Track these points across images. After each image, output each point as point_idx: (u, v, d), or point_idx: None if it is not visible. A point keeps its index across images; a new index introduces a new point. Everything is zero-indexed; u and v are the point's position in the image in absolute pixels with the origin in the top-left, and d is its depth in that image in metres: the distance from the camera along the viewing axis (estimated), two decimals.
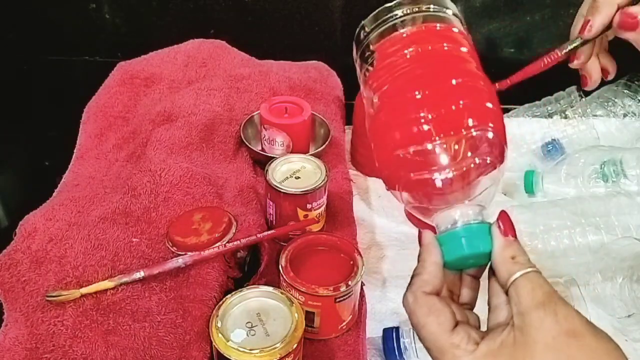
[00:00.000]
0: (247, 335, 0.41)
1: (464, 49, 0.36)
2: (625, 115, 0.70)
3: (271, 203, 0.54)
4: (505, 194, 0.66)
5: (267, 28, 0.81)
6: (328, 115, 0.70)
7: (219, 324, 0.41)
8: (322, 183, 0.53)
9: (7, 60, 0.80)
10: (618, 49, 0.46)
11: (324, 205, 0.55)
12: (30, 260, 0.46)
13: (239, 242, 0.48)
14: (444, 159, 0.33)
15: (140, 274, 0.45)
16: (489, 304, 0.33)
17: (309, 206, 0.53)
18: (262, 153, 0.63)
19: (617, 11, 0.40)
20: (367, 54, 0.38)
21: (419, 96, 0.34)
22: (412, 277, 0.34)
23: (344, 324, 0.48)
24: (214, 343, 0.40)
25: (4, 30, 0.80)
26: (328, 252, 0.49)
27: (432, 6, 0.37)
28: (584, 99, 0.71)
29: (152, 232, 0.50)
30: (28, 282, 0.45)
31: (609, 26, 0.41)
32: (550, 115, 0.71)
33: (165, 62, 0.73)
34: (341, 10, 0.79)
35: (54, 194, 0.58)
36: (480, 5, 0.77)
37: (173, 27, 0.80)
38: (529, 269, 0.31)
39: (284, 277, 0.46)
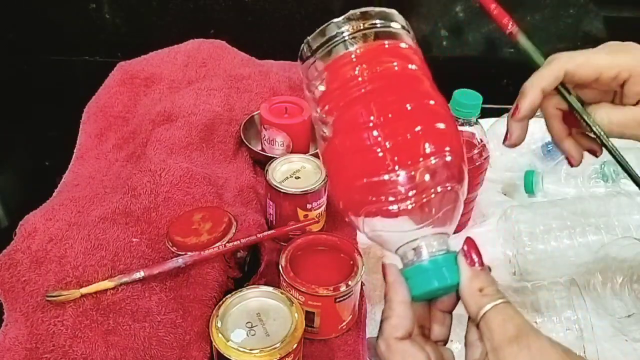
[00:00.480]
0: (247, 335, 0.40)
1: (413, 66, 0.36)
2: None
3: (271, 203, 0.54)
4: (505, 194, 0.66)
5: (267, 28, 0.81)
6: None
7: (219, 324, 0.41)
8: (322, 183, 0.53)
9: (7, 60, 0.80)
10: None
11: (324, 205, 0.55)
12: (30, 260, 0.46)
13: (239, 242, 0.48)
14: (402, 190, 0.32)
15: (140, 274, 0.45)
16: (465, 339, 0.32)
17: (309, 206, 0.53)
18: (262, 153, 0.63)
19: (542, 95, 0.40)
20: (315, 73, 0.36)
21: (373, 123, 0.33)
22: (381, 322, 0.33)
23: (344, 324, 0.48)
24: (214, 343, 0.40)
25: (4, 30, 0.80)
26: (328, 252, 0.49)
27: (378, 21, 0.36)
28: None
29: (152, 232, 0.50)
30: (28, 282, 0.45)
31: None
32: None
33: (165, 62, 0.73)
34: (341, 10, 0.79)
35: (54, 194, 0.58)
36: (480, 5, 0.77)
37: (173, 27, 0.80)
38: (498, 301, 0.30)
39: (284, 277, 0.46)
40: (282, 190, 0.52)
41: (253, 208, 0.56)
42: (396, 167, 0.32)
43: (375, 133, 0.33)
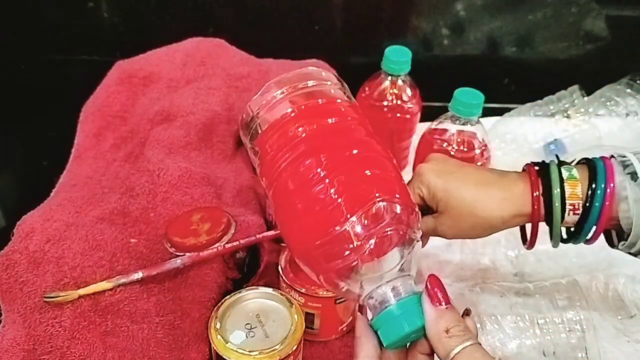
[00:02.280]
0: (246, 336, 0.40)
1: (350, 119, 0.37)
2: (627, 115, 0.70)
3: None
4: None
5: (267, 26, 0.80)
6: None
7: (218, 326, 0.40)
8: None
9: (4, 60, 0.79)
10: (619, 48, 0.46)
11: None
12: (28, 261, 0.46)
13: (238, 242, 0.48)
14: (356, 240, 0.32)
15: (138, 275, 0.45)
16: None
17: None
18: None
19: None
20: (257, 137, 0.38)
21: (316, 180, 0.33)
22: None
23: (344, 325, 0.48)
24: (212, 344, 0.40)
25: (1, 30, 0.80)
26: None
27: (309, 82, 0.38)
28: (586, 98, 0.71)
29: (150, 233, 0.50)
30: (26, 283, 0.45)
31: None
32: (552, 115, 0.70)
33: (164, 61, 0.73)
34: (341, 8, 0.79)
35: (52, 194, 0.57)
36: (481, 3, 0.77)
37: (172, 26, 0.80)
38: (467, 343, 0.30)
39: (284, 278, 0.46)
40: None
41: (252, 208, 0.55)
42: (348, 217, 0.32)
43: (319, 188, 0.33)
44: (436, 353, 0.31)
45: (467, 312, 0.33)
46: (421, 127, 0.62)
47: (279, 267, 0.46)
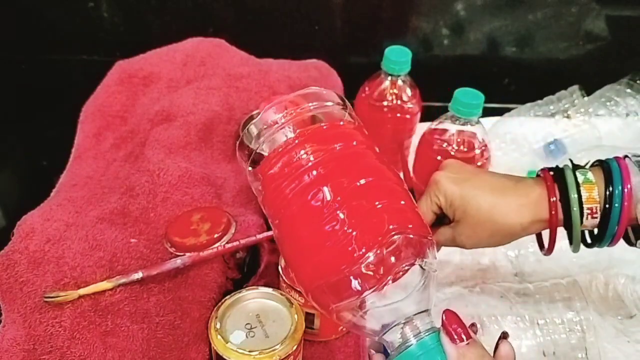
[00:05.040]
0: (246, 336, 0.40)
1: (356, 143, 0.35)
2: (627, 115, 0.70)
3: None
4: None
5: (267, 26, 0.80)
6: None
7: (218, 326, 0.40)
8: None
9: (4, 59, 0.79)
10: (619, 48, 0.46)
11: None
12: (28, 260, 0.46)
13: (238, 242, 0.48)
14: (370, 276, 0.31)
15: (138, 275, 0.45)
16: None
17: None
18: (262, 153, 0.62)
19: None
20: (259, 163, 0.37)
21: (326, 213, 0.32)
22: None
23: None
24: (212, 344, 0.40)
25: (1, 29, 0.80)
26: None
27: (312, 104, 0.36)
28: (586, 99, 0.71)
29: (150, 233, 0.50)
30: (26, 283, 0.45)
31: None
32: (552, 115, 0.70)
33: (164, 61, 0.73)
34: (341, 8, 0.79)
35: (52, 194, 0.57)
36: (481, 3, 0.77)
37: (172, 26, 0.80)
38: None
39: (284, 278, 0.46)
40: None
41: (252, 208, 0.55)
42: (361, 254, 0.31)
43: (329, 223, 0.32)
44: None
45: (504, 336, 0.32)
46: (421, 127, 0.62)
47: (279, 267, 0.46)
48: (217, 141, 0.63)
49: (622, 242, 0.42)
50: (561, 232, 0.43)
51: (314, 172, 0.34)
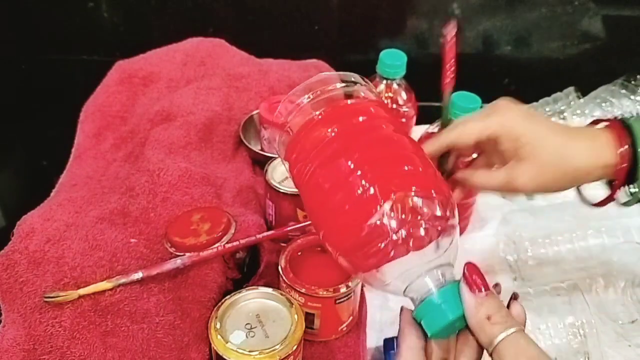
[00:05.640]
0: (246, 336, 0.40)
1: (380, 118, 0.37)
2: (622, 116, 0.70)
3: (270, 203, 0.54)
4: (504, 197, 0.66)
5: (266, 26, 0.80)
6: None
7: (218, 326, 0.40)
8: None
9: (4, 60, 0.79)
10: (615, 48, 0.46)
11: None
12: (28, 260, 0.46)
13: (238, 242, 0.48)
14: (395, 230, 0.32)
15: (138, 275, 0.45)
16: None
17: None
18: (262, 153, 0.63)
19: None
20: (289, 142, 0.38)
21: (356, 172, 0.34)
22: None
23: (344, 325, 0.48)
24: (212, 344, 0.40)
25: (1, 29, 0.80)
26: (328, 253, 0.49)
27: (337, 85, 0.38)
28: (581, 100, 0.71)
29: (150, 233, 0.50)
30: (26, 283, 0.45)
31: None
32: (548, 116, 0.70)
33: (164, 61, 0.73)
34: (341, 8, 0.79)
35: (52, 194, 0.57)
36: (478, 3, 0.77)
37: (172, 26, 0.80)
38: (510, 330, 0.29)
39: (284, 278, 0.46)
40: (282, 190, 0.52)
41: (252, 208, 0.55)
42: (382, 208, 0.32)
43: (353, 184, 0.33)
44: (479, 342, 0.31)
45: (514, 297, 0.33)
46: (417, 130, 0.62)
47: (279, 267, 0.46)
48: (217, 141, 0.63)
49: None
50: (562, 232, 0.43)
51: (338, 142, 0.35)
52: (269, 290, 0.43)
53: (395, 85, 0.62)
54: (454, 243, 0.34)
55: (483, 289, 0.31)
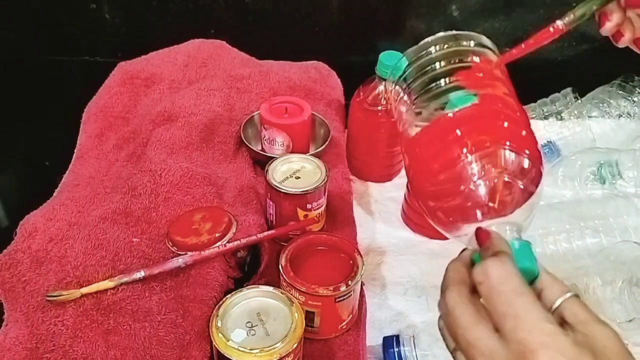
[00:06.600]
0: (247, 335, 0.41)
1: (492, 77, 0.39)
2: (620, 116, 0.71)
3: (271, 203, 0.54)
4: None
5: (267, 28, 0.81)
6: (328, 115, 0.70)
7: (219, 324, 0.41)
8: (322, 183, 0.53)
9: (7, 61, 0.80)
10: (611, 50, 0.46)
11: (324, 205, 0.56)
12: (30, 260, 0.46)
13: (239, 242, 0.48)
14: (477, 179, 0.34)
15: (140, 274, 0.45)
16: None
17: (309, 206, 0.53)
18: (262, 153, 0.63)
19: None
20: (407, 86, 0.40)
21: (450, 132, 0.35)
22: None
23: (344, 323, 0.48)
24: (214, 343, 0.40)
25: (3, 30, 0.80)
26: (328, 252, 0.50)
27: (472, 42, 0.41)
28: (579, 100, 0.71)
29: (152, 232, 0.50)
30: (28, 282, 0.45)
31: None
32: (545, 117, 0.71)
33: (166, 62, 0.73)
34: (341, 10, 0.80)
35: (54, 194, 0.58)
36: (477, 4, 0.77)
37: (173, 27, 0.80)
38: (568, 294, 0.31)
39: (284, 276, 0.46)
40: (282, 190, 0.52)
41: (253, 208, 0.56)
42: (472, 154, 0.34)
43: (450, 133, 0.35)
44: (544, 299, 0.31)
45: None
46: None
47: (280, 266, 0.47)
48: (218, 141, 0.63)
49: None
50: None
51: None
52: (270, 289, 0.43)
53: None
54: (531, 212, 0.35)
55: None
